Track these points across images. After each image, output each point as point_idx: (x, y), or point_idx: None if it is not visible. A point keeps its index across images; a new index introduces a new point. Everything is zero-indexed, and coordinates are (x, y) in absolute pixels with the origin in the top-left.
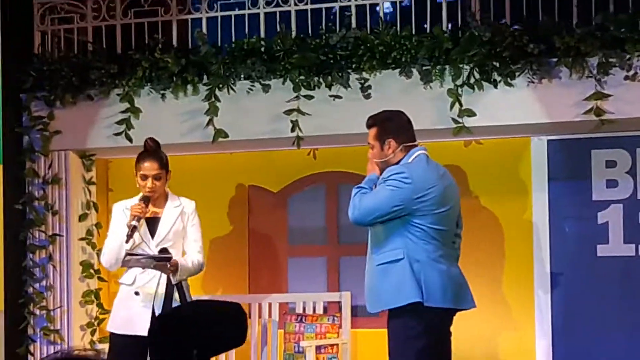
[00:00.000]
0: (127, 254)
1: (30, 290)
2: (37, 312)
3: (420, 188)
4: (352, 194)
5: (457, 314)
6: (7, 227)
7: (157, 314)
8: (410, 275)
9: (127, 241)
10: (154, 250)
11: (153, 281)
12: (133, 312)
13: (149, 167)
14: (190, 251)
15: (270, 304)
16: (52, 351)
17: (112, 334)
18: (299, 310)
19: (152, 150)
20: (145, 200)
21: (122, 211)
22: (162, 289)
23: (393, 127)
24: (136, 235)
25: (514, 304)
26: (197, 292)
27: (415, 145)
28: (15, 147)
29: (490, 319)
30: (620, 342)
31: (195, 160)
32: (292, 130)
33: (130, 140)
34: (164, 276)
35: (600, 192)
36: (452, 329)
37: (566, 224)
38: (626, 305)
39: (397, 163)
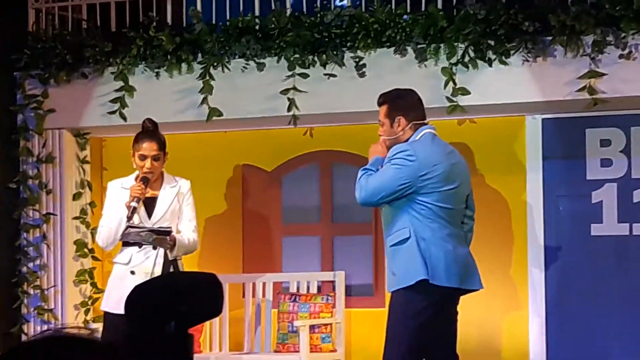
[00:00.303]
0: (128, 227)
1: (24, 269)
2: (31, 291)
3: (425, 165)
4: (358, 175)
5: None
6: (1, 206)
7: None
8: (417, 253)
9: (127, 222)
10: None
11: (149, 260)
12: (128, 291)
13: (148, 147)
14: (185, 230)
15: (264, 284)
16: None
17: (106, 313)
18: (293, 289)
19: (150, 130)
20: (145, 181)
21: (118, 189)
22: (158, 269)
23: (403, 104)
24: (135, 216)
25: (508, 283)
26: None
27: (425, 124)
28: (9, 125)
29: (484, 297)
30: (613, 321)
31: (189, 139)
32: (289, 109)
33: (124, 118)
34: (160, 255)
35: (594, 171)
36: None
37: (560, 203)
38: (620, 284)
39: (406, 141)
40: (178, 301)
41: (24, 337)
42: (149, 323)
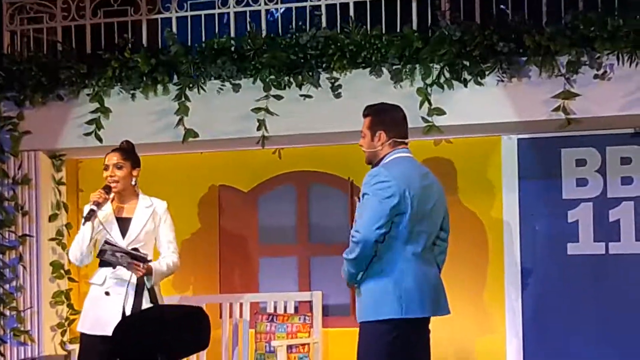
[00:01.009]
0: (105, 242)
1: (1, 291)
2: (7, 312)
3: (400, 185)
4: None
5: None
6: None
7: (127, 313)
8: (390, 285)
9: (84, 223)
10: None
11: (123, 281)
12: (103, 312)
13: (110, 156)
14: (164, 252)
15: (241, 304)
16: (22, 352)
17: (82, 334)
18: (270, 309)
19: (122, 147)
20: (106, 188)
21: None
22: (132, 290)
23: (386, 120)
24: (96, 222)
25: (485, 304)
26: (168, 292)
27: (405, 143)
28: None
29: (461, 319)
30: (590, 340)
31: (166, 160)
32: (258, 129)
33: (100, 140)
34: (134, 276)
35: (570, 191)
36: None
37: (536, 223)
38: (597, 303)
39: (384, 157)
40: (165, 334)
41: (0, 359)
42: (135, 354)
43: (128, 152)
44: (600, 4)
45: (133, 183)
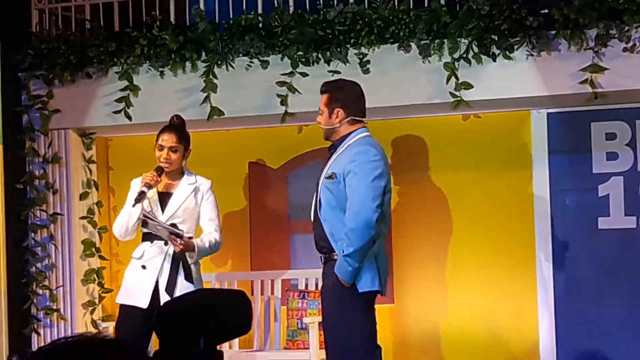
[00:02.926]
0: (145, 216)
1: (33, 269)
2: (40, 291)
3: (386, 164)
4: (344, 262)
5: (455, 291)
6: (8, 207)
7: (161, 288)
8: (373, 261)
9: (134, 205)
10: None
11: (160, 257)
12: (137, 283)
13: (167, 138)
14: (206, 229)
15: (272, 281)
16: (55, 330)
17: (121, 305)
18: (302, 286)
19: (174, 124)
20: (159, 170)
21: (137, 185)
22: (167, 264)
23: (343, 97)
24: (145, 203)
25: (516, 278)
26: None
27: (363, 122)
28: (14, 126)
29: (493, 293)
30: (622, 313)
31: (195, 138)
32: (282, 104)
33: (129, 118)
34: (171, 251)
35: (600, 165)
36: (456, 306)
37: (567, 197)
38: (627, 277)
39: (346, 135)
40: (207, 318)
41: (35, 337)
42: (178, 339)
43: (183, 132)
44: None
45: (184, 164)
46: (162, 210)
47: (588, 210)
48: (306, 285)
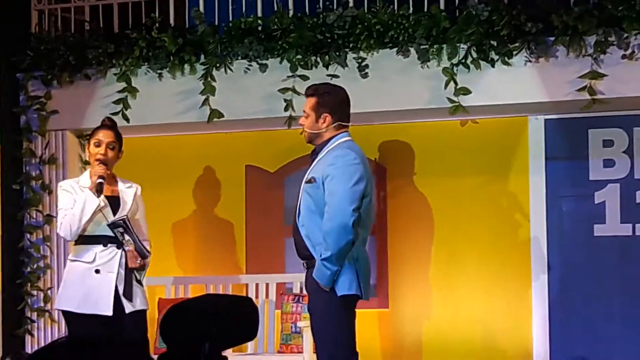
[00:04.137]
0: (126, 223)
1: (28, 270)
2: (34, 292)
3: (366, 169)
4: (322, 266)
5: (450, 296)
6: (4, 207)
7: (120, 293)
8: (352, 266)
9: (98, 196)
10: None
11: (114, 261)
12: (93, 290)
13: (104, 134)
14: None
15: (267, 284)
16: (49, 332)
17: (70, 313)
18: (296, 290)
19: (108, 125)
20: (102, 163)
21: (70, 187)
22: (122, 268)
23: (332, 102)
24: (102, 213)
25: (512, 284)
26: (192, 272)
27: (347, 127)
28: (12, 127)
29: (488, 299)
30: (616, 321)
31: (193, 140)
32: (286, 109)
33: (127, 119)
34: (123, 256)
35: (597, 172)
36: (451, 311)
37: (563, 204)
38: (622, 285)
39: (328, 140)
40: (212, 323)
41: (28, 338)
42: (183, 343)
43: (118, 132)
44: None
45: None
46: (114, 213)
47: (584, 217)
48: (301, 289)
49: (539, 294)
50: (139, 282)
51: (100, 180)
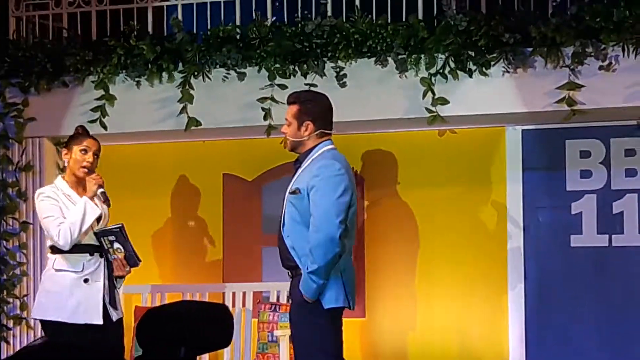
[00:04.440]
0: (120, 229)
1: (4, 277)
2: (10, 300)
3: (350, 178)
4: (308, 279)
5: (427, 305)
6: None
7: (107, 301)
8: (338, 277)
9: (108, 205)
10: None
11: (100, 270)
12: (84, 300)
13: (91, 142)
14: None
15: (244, 293)
16: (25, 339)
17: (56, 323)
18: (273, 299)
19: (88, 133)
20: (90, 170)
21: (54, 193)
22: (106, 277)
23: (314, 110)
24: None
25: (488, 294)
26: (169, 280)
27: (330, 134)
28: None
29: (464, 308)
30: (593, 331)
31: (170, 148)
32: (264, 118)
33: (104, 127)
34: (105, 265)
35: (574, 183)
36: (428, 320)
37: (540, 214)
38: (599, 296)
39: (312, 148)
40: (187, 329)
41: (4, 346)
42: (159, 348)
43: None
44: None
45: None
46: (97, 221)
47: (561, 227)
48: (277, 298)
49: (516, 304)
50: (117, 290)
51: (102, 189)
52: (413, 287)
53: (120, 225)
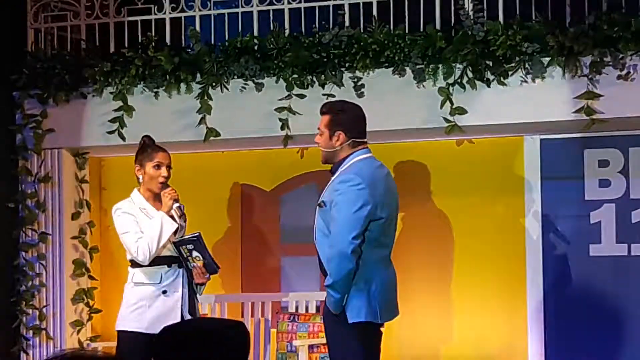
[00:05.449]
0: (198, 238)
1: (23, 288)
2: (29, 310)
3: (373, 191)
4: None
5: (445, 314)
6: (0, 226)
7: (185, 311)
8: (364, 289)
9: (185, 221)
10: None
11: (178, 280)
12: (162, 311)
13: (163, 156)
14: None
15: (263, 303)
16: (44, 350)
17: (133, 332)
18: (292, 309)
19: (156, 144)
20: (165, 184)
21: (131, 209)
22: (186, 289)
23: (345, 120)
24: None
25: (506, 303)
26: None
27: (364, 143)
28: (8, 145)
29: (482, 318)
30: (612, 341)
31: (189, 159)
32: (282, 129)
33: (123, 138)
34: (184, 275)
35: (592, 192)
36: (446, 329)
37: (559, 224)
38: (618, 305)
39: (345, 158)
40: (203, 347)
41: (23, 356)
42: None
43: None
44: (624, 4)
45: None
46: (175, 232)
47: (580, 237)
48: (296, 308)
49: (535, 314)
50: (197, 297)
51: (178, 204)
52: (430, 295)
53: (197, 234)
